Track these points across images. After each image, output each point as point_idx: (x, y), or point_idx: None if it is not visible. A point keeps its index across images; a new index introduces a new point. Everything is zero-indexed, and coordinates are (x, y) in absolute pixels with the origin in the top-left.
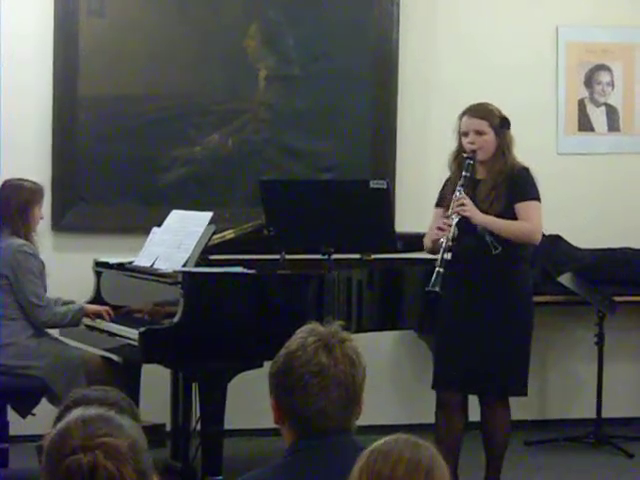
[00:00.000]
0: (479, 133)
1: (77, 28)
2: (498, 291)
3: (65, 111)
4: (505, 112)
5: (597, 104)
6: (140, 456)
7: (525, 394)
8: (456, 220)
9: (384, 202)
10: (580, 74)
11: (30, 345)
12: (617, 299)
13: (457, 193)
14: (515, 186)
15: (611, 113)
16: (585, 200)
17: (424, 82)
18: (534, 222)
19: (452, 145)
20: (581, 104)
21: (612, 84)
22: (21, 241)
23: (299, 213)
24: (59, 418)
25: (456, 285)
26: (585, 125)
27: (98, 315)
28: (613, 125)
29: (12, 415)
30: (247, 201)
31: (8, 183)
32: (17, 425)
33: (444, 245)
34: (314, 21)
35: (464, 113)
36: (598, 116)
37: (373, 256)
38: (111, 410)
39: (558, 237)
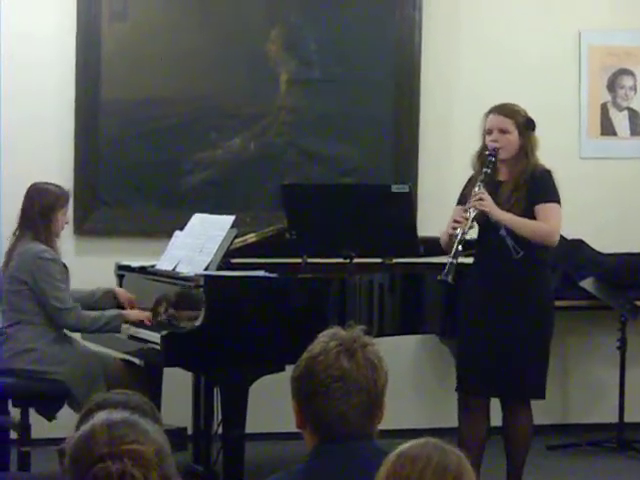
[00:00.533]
0: (503, 131)
1: (99, 32)
2: (519, 295)
3: (87, 115)
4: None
5: (620, 108)
6: (165, 461)
7: (543, 397)
8: (473, 214)
9: (406, 206)
10: (603, 78)
11: (50, 351)
12: (639, 304)
13: (476, 188)
14: (536, 188)
15: (634, 117)
16: (607, 204)
17: (446, 85)
18: (552, 224)
19: (474, 148)
20: (604, 108)
21: (635, 88)
22: (41, 247)
23: (321, 217)
24: (81, 422)
25: (477, 288)
26: (607, 129)
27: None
28: (636, 129)
29: (33, 418)
30: (269, 205)
31: (34, 187)
32: (39, 428)
33: (459, 237)
34: (335, 25)
35: (490, 111)
36: (621, 120)
37: (395, 260)
38: (133, 414)
39: (580, 241)
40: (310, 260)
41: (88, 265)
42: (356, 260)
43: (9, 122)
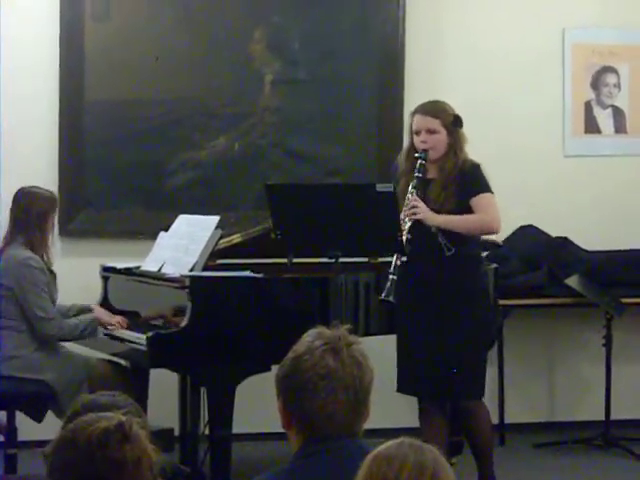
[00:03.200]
0: (431, 132)
1: (83, 33)
2: (451, 293)
3: (71, 116)
4: (512, 114)
5: (604, 106)
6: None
7: (480, 397)
8: (409, 224)
9: (391, 205)
10: (587, 76)
11: (35, 358)
12: (625, 301)
13: (409, 195)
14: (466, 183)
15: (618, 115)
16: (592, 202)
17: (430, 84)
18: (491, 214)
19: None
20: (588, 106)
21: (619, 86)
22: (28, 254)
23: (306, 217)
24: (67, 424)
25: (411, 287)
26: (592, 127)
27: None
28: (620, 127)
29: (20, 421)
30: (254, 205)
31: (25, 191)
32: (26, 431)
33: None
34: (319, 24)
35: (416, 111)
36: (605, 118)
37: (380, 259)
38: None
39: (565, 239)
40: (295, 260)
41: (73, 266)
42: (341, 259)
43: None
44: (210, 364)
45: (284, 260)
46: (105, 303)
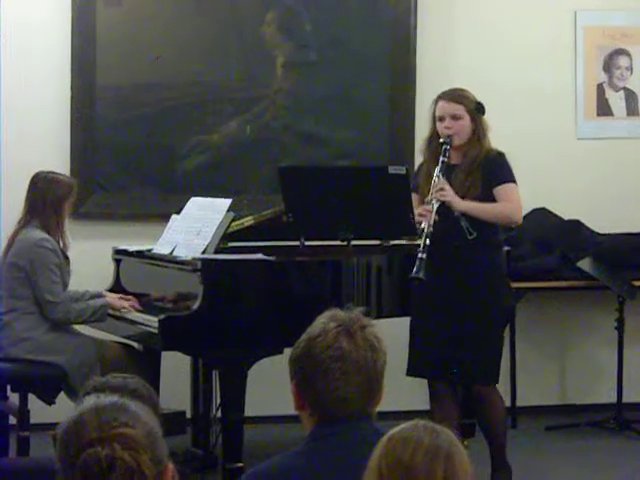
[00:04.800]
0: (455, 118)
1: (94, 18)
2: (472, 277)
3: (83, 100)
4: (524, 97)
5: (616, 89)
6: (156, 444)
7: (495, 382)
8: (436, 206)
9: (403, 188)
10: (599, 58)
11: (47, 340)
12: (637, 284)
13: (436, 179)
14: (490, 171)
15: (630, 97)
16: (604, 185)
17: (442, 67)
18: (512, 203)
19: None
20: (600, 89)
21: (631, 68)
22: (43, 235)
23: (318, 199)
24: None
25: (431, 270)
26: (604, 110)
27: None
28: (632, 109)
29: (32, 403)
30: (266, 188)
31: (42, 176)
32: (38, 413)
33: (425, 231)
34: (331, 7)
35: (439, 97)
36: (617, 100)
37: (392, 242)
38: (131, 397)
39: (577, 222)
40: (307, 243)
41: (85, 249)
42: (353, 242)
43: (6, 109)
44: (222, 347)
45: (296, 243)
46: (117, 285)
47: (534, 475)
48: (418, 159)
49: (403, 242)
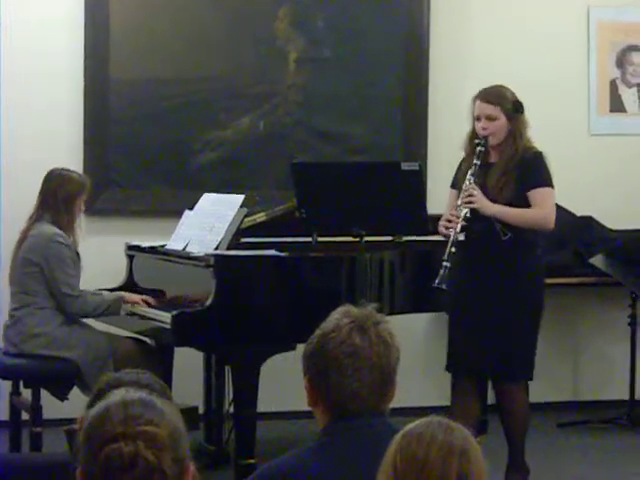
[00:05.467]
0: (491, 118)
1: (108, 12)
2: (506, 276)
3: (97, 95)
4: (537, 92)
5: (629, 85)
6: (179, 443)
7: (530, 378)
8: (464, 212)
9: (416, 184)
10: (611, 54)
11: (60, 335)
12: None
13: (467, 182)
14: (526, 172)
15: None
16: (617, 181)
17: (455, 63)
18: (545, 209)
19: None
20: (613, 85)
21: None
22: (57, 230)
23: (331, 195)
24: (93, 402)
25: (467, 270)
26: (617, 106)
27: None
28: None
29: (45, 399)
30: (279, 184)
31: (56, 173)
32: (50, 409)
33: (451, 238)
34: (344, 2)
35: (477, 97)
36: (630, 97)
37: (405, 238)
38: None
39: (590, 218)
40: (320, 238)
41: (98, 245)
42: (366, 238)
43: (19, 105)
44: (235, 343)
45: (309, 239)
46: (130, 281)
47: (546, 472)
48: (432, 155)
49: (417, 238)
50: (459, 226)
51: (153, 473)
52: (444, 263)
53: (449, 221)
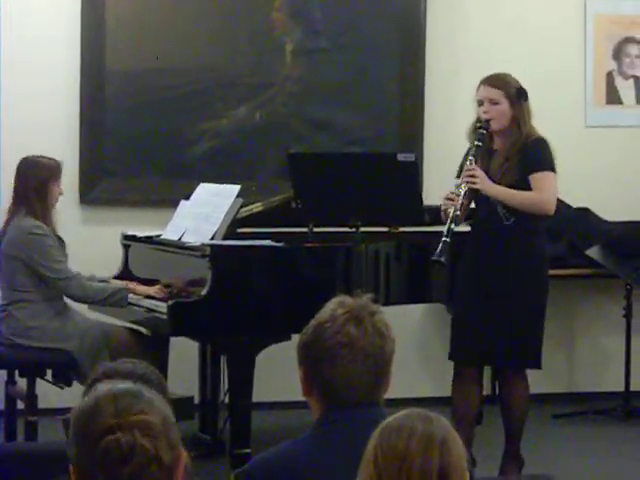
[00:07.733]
0: (493, 103)
1: (103, 3)
2: (510, 263)
3: (92, 85)
4: (533, 84)
5: (625, 77)
6: (171, 430)
7: (539, 367)
8: (464, 190)
9: (412, 175)
10: (608, 46)
11: (54, 327)
12: None
13: (467, 163)
14: (528, 158)
15: (639, 86)
16: (613, 173)
17: (451, 53)
18: (546, 193)
19: None
20: (609, 76)
21: None
22: (33, 222)
23: (327, 186)
24: (88, 392)
25: (471, 256)
26: (613, 98)
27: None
28: None
29: (40, 388)
30: (275, 174)
31: (25, 161)
32: (46, 398)
33: (451, 215)
34: None
35: (481, 82)
36: (626, 89)
37: (401, 229)
38: (140, 383)
39: (586, 210)
40: (316, 229)
41: (94, 234)
42: (362, 229)
43: (15, 95)
44: (230, 333)
45: (305, 229)
46: (126, 271)
47: (541, 463)
48: (428, 145)
49: (412, 229)
50: (459, 203)
51: (151, 461)
52: (443, 238)
53: (449, 199)
